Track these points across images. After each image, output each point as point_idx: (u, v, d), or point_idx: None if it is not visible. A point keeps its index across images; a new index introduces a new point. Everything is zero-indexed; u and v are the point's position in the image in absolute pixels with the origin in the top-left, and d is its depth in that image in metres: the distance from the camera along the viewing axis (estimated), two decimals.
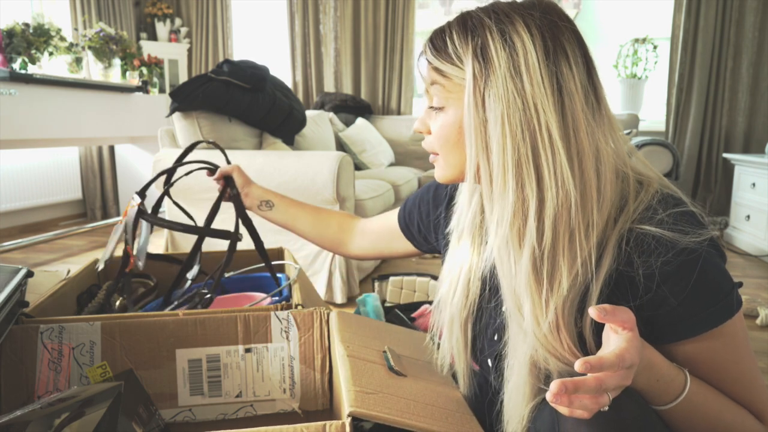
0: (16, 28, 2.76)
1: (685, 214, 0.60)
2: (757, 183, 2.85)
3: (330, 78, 4.16)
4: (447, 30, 0.63)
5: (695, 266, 0.57)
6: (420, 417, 0.68)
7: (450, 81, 0.63)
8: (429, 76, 0.65)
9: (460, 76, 0.62)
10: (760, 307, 1.91)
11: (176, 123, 2.21)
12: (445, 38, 0.63)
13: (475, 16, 0.62)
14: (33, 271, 0.85)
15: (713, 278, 0.58)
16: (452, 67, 0.62)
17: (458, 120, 0.63)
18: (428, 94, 0.67)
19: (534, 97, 0.56)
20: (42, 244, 2.89)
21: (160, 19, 4.22)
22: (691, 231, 0.58)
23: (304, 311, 0.90)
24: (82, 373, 0.80)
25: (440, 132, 0.66)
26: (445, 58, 0.63)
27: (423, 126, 0.70)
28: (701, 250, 0.57)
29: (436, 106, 0.65)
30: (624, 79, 3.81)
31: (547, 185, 0.56)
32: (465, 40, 0.61)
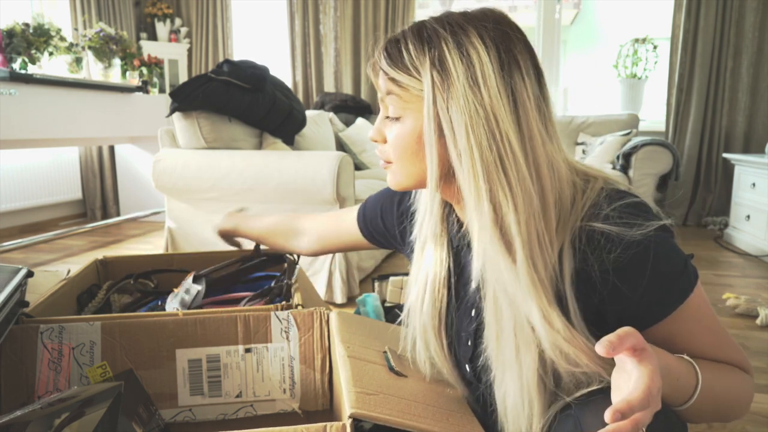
0: (16, 28, 2.76)
1: (629, 206, 0.61)
2: (757, 183, 2.85)
3: (330, 78, 4.16)
4: (402, 40, 0.63)
5: (647, 257, 0.58)
6: (421, 418, 0.68)
7: (406, 91, 0.63)
8: (385, 86, 0.65)
9: (417, 87, 0.62)
10: (760, 307, 1.91)
11: (176, 123, 2.21)
12: (400, 48, 0.63)
13: (429, 27, 0.62)
14: (33, 271, 0.85)
15: (667, 262, 0.60)
16: (409, 78, 0.62)
17: (416, 130, 0.63)
18: (383, 103, 0.67)
19: (493, 108, 0.58)
20: (42, 244, 2.89)
21: (160, 19, 4.22)
22: (636, 223, 0.59)
23: (304, 311, 0.90)
24: (82, 373, 0.80)
25: (397, 142, 0.66)
26: (402, 68, 0.62)
27: (379, 135, 0.69)
28: (650, 240, 0.58)
29: (393, 116, 0.65)
30: (624, 79, 3.81)
31: (516, 192, 0.57)
32: (421, 50, 0.61)
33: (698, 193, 3.69)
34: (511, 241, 0.58)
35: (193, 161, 2.13)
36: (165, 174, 2.16)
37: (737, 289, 2.23)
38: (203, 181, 2.10)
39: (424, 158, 0.63)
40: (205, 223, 2.21)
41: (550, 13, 3.95)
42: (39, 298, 0.93)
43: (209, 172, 2.10)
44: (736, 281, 2.41)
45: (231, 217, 1.23)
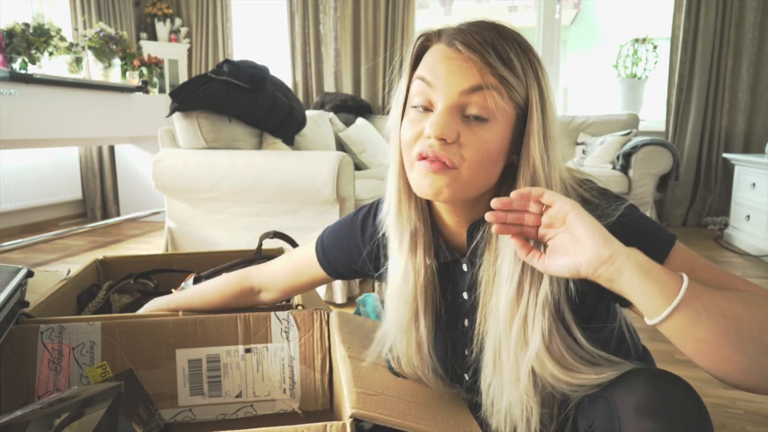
0: (16, 28, 2.76)
1: (600, 191, 0.67)
2: (757, 183, 2.85)
3: (330, 78, 4.16)
4: (507, 37, 0.60)
5: (628, 222, 0.62)
6: (421, 419, 0.68)
7: (507, 93, 0.59)
8: (481, 80, 0.58)
9: (521, 93, 0.60)
10: None
11: (176, 123, 2.21)
12: (506, 47, 0.59)
13: (522, 39, 0.62)
14: (33, 271, 0.85)
15: (643, 223, 0.64)
16: (517, 81, 0.59)
17: (502, 137, 0.60)
18: (462, 97, 0.59)
19: (557, 127, 0.63)
20: (42, 244, 2.89)
21: (160, 19, 4.22)
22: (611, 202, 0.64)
23: (304, 311, 0.90)
24: (82, 373, 0.80)
25: (482, 146, 0.59)
26: (513, 69, 0.59)
27: (454, 133, 0.59)
28: (624, 213, 0.62)
29: (480, 116, 0.59)
30: (624, 79, 3.81)
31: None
32: (525, 59, 0.60)
33: (698, 193, 3.69)
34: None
35: (193, 161, 2.13)
36: (165, 174, 2.16)
37: None
38: (203, 181, 2.10)
39: (495, 168, 0.62)
40: (205, 223, 2.21)
41: (550, 13, 3.95)
42: (39, 298, 0.93)
43: (209, 172, 2.10)
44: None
45: (170, 302, 0.97)
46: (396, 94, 0.67)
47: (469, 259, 0.70)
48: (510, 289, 0.62)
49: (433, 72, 0.61)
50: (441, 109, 0.59)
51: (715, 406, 1.31)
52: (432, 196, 0.61)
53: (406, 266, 0.71)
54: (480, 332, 0.68)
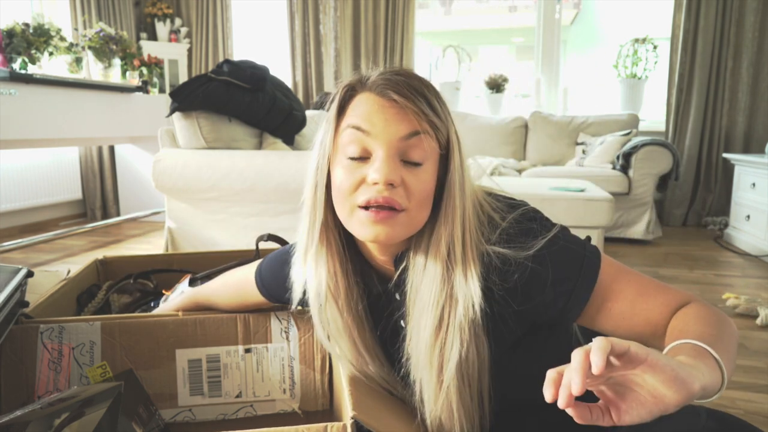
0: (16, 28, 2.76)
1: (519, 222, 0.67)
2: (757, 183, 2.85)
3: (330, 78, 4.16)
4: (427, 86, 0.65)
5: (546, 263, 0.64)
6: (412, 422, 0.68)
7: (434, 139, 0.63)
8: (418, 126, 0.62)
9: (444, 134, 0.65)
10: (760, 307, 1.91)
11: (176, 123, 2.21)
12: (428, 95, 0.64)
13: (434, 87, 0.67)
14: (33, 271, 0.85)
15: (563, 263, 0.65)
16: (441, 123, 0.64)
17: (433, 179, 0.65)
18: (401, 143, 0.62)
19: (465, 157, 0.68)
20: (42, 244, 2.89)
21: (160, 19, 4.22)
22: (526, 244, 0.64)
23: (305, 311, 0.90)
24: (82, 373, 0.79)
25: (422, 187, 0.63)
26: (437, 112, 0.64)
27: (399, 177, 0.62)
28: (542, 254, 0.64)
29: (417, 161, 0.63)
30: (624, 79, 3.81)
31: (471, 230, 0.66)
32: (444, 103, 0.66)
33: (698, 193, 3.69)
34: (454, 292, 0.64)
35: (193, 161, 2.13)
36: (165, 174, 2.16)
37: (737, 289, 2.23)
38: (203, 181, 2.10)
39: (430, 205, 0.65)
40: (205, 223, 2.21)
41: (550, 13, 3.95)
42: (39, 298, 0.93)
43: (209, 172, 2.10)
44: (736, 281, 2.41)
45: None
46: (321, 143, 0.69)
47: (397, 287, 0.71)
48: (431, 316, 0.65)
49: (369, 120, 0.63)
50: (383, 156, 0.62)
51: (715, 405, 1.31)
52: (382, 241, 0.63)
53: (332, 307, 0.71)
54: (407, 352, 0.70)
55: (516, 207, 0.69)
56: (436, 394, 0.67)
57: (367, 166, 0.62)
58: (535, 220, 0.67)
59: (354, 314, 0.71)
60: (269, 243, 1.26)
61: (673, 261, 2.74)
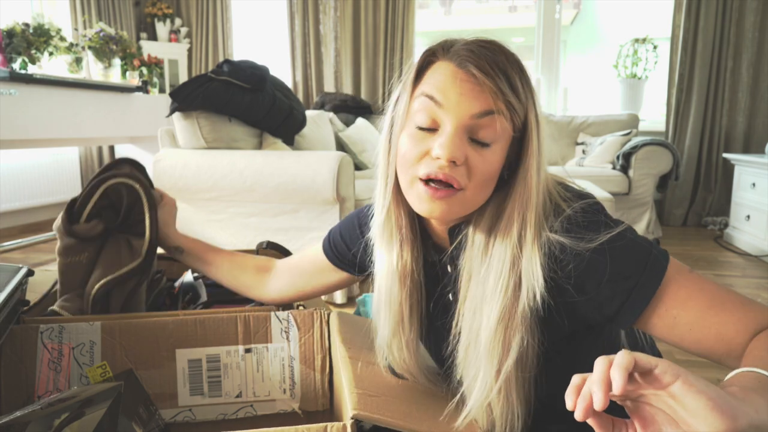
0: (16, 28, 2.76)
1: (584, 215, 0.62)
2: (757, 183, 2.85)
3: (330, 78, 4.16)
4: (513, 63, 0.61)
5: (606, 256, 0.59)
6: (422, 421, 0.68)
7: (510, 116, 0.60)
8: (492, 105, 0.59)
9: (521, 116, 0.61)
10: None
11: (176, 123, 2.21)
12: (512, 73, 0.60)
13: (522, 63, 0.63)
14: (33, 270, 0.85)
15: (624, 259, 0.59)
16: (520, 105, 0.61)
17: (501, 159, 0.62)
18: (472, 122, 0.60)
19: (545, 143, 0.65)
20: (42, 244, 2.89)
21: (160, 19, 4.22)
22: (586, 236, 0.60)
23: (304, 311, 0.90)
24: (82, 372, 0.79)
25: (487, 168, 0.61)
26: (517, 93, 0.61)
27: (463, 156, 0.60)
28: (602, 248, 0.59)
29: (486, 141, 0.61)
30: (624, 79, 3.81)
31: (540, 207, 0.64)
32: (527, 82, 0.62)
33: (698, 193, 3.69)
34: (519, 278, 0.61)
35: (193, 161, 2.13)
36: (165, 174, 2.16)
37: (737, 289, 2.23)
38: (203, 181, 2.10)
39: (493, 184, 0.63)
40: (205, 223, 2.21)
41: (550, 13, 3.95)
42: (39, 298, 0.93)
43: (209, 172, 2.10)
44: (736, 281, 2.41)
45: (168, 213, 1.02)
46: (395, 105, 0.67)
47: (451, 260, 0.71)
48: (497, 304, 0.62)
49: (443, 92, 0.60)
50: (451, 132, 0.60)
51: None
52: (437, 217, 0.63)
53: (392, 272, 0.72)
54: (456, 332, 0.69)
55: (584, 197, 0.65)
56: (492, 382, 0.63)
57: (434, 138, 0.61)
58: (602, 213, 0.63)
59: (411, 280, 0.72)
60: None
61: None
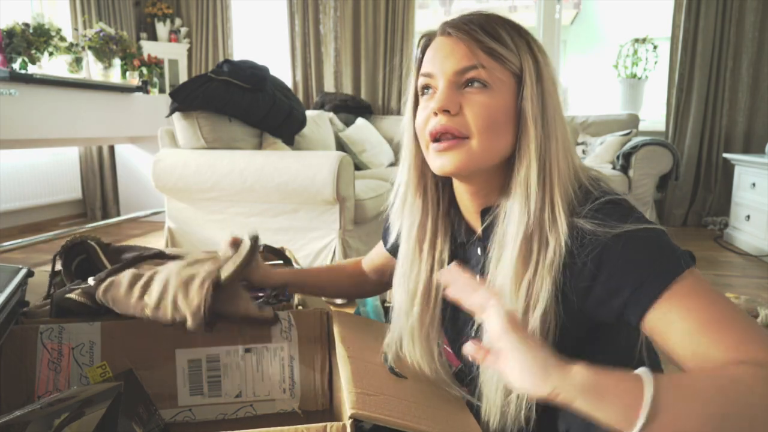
0: (16, 28, 2.76)
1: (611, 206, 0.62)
2: (757, 183, 2.85)
3: (330, 78, 4.16)
4: (496, 20, 0.65)
5: (617, 248, 0.58)
6: (422, 419, 0.68)
7: (500, 65, 0.63)
8: (473, 57, 0.62)
9: (515, 63, 0.64)
10: (760, 307, 1.91)
11: (176, 123, 2.21)
12: (494, 25, 0.64)
13: (515, 22, 0.67)
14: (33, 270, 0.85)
15: (641, 249, 0.58)
16: (509, 52, 0.63)
17: (505, 104, 0.63)
18: (456, 75, 0.63)
19: (559, 104, 0.66)
20: (42, 244, 2.89)
21: (160, 19, 4.22)
22: (611, 223, 0.59)
23: (305, 311, 0.90)
24: (82, 373, 0.80)
25: (486, 112, 0.62)
26: (502, 42, 0.63)
27: (454, 105, 0.63)
28: (620, 236, 0.58)
29: (484, 82, 0.62)
30: (624, 79, 3.81)
31: (564, 183, 0.64)
32: (517, 33, 0.65)
33: (698, 193, 3.69)
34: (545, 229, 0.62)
35: (193, 161, 2.13)
36: (165, 174, 2.16)
37: (737, 289, 2.23)
38: (203, 181, 2.11)
39: (506, 135, 0.64)
40: (205, 223, 2.21)
41: (550, 13, 3.95)
42: (39, 298, 0.93)
43: (209, 172, 2.10)
44: (736, 281, 2.42)
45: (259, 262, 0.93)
46: (407, 93, 0.73)
47: (482, 242, 0.72)
48: (517, 248, 0.63)
49: (432, 61, 0.66)
50: (441, 86, 0.64)
51: None
52: (449, 172, 0.65)
53: (412, 255, 0.74)
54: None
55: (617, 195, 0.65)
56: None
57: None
58: (633, 210, 0.62)
59: (434, 258, 0.73)
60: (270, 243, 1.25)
61: None
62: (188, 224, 2.24)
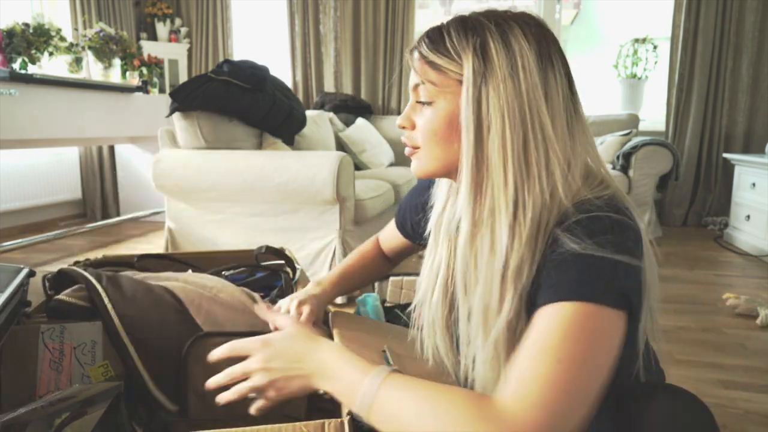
0: (16, 28, 2.76)
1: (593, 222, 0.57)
2: (757, 183, 2.85)
3: (330, 78, 4.16)
4: (445, 27, 0.65)
5: (568, 261, 0.56)
6: None
7: (443, 76, 0.63)
8: (422, 71, 0.65)
9: (456, 71, 0.62)
10: (760, 307, 1.91)
11: (176, 123, 2.21)
12: (442, 34, 0.64)
13: (473, 18, 0.64)
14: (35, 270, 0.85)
15: (585, 268, 0.55)
16: (449, 61, 0.63)
17: (448, 114, 0.64)
18: (415, 91, 0.67)
19: (530, 100, 0.60)
20: (42, 244, 2.89)
21: (160, 19, 4.22)
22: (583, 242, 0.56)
23: None
24: (84, 372, 0.80)
25: (428, 125, 0.66)
26: (443, 52, 0.63)
27: (408, 121, 0.69)
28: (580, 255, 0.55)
29: (425, 101, 0.66)
30: (624, 79, 3.81)
31: (533, 185, 0.60)
32: (464, 37, 0.62)
33: (698, 193, 3.69)
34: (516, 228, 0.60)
35: (193, 161, 2.13)
36: (165, 174, 2.16)
37: (737, 289, 2.23)
38: (203, 181, 2.11)
39: (453, 143, 0.65)
40: (205, 223, 2.21)
41: (550, 13, 3.95)
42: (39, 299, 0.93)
43: (209, 172, 2.10)
44: (736, 281, 2.42)
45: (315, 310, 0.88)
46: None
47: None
48: (465, 253, 0.65)
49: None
50: (408, 103, 0.70)
51: (716, 406, 1.31)
52: (414, 174, 0.71)
53: (433, 243, 0.76)
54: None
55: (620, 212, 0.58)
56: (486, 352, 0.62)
57: None
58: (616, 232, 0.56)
59: (451, 248, 0.74)
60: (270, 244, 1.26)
61: (673, 261, 2.74)
62: (188, 224, 2.24)
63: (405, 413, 0.54)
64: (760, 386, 1.42)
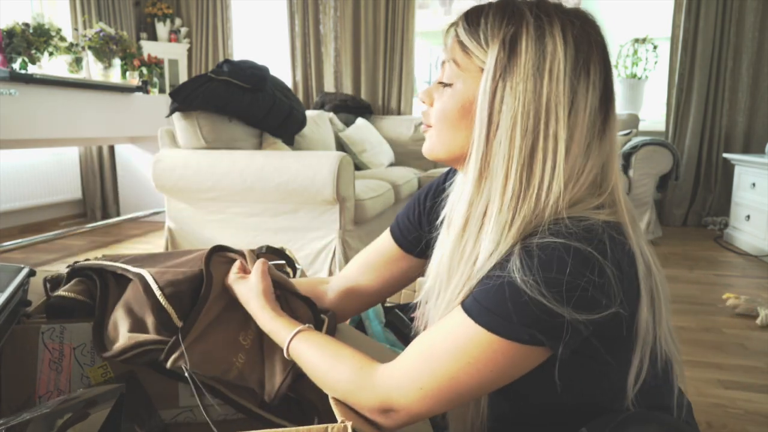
0: (16, 28, 2.76)
1: (554, 251, 0.53)
2: (757, 183, 2.85)
3: (330, 78, 4.16)
4: (486, 9, 0.61)
5: (504, 286, 0.54)
6: None
7: (468, 59, 0.61)
8: (451, 48, 0.63)
9: (481, 57, 0.59)
10: (760, 307, 1.91)
11: (176, 123, 2.21)
12: (480, 17, 0.61)
13: (517, 4, 0.60)
14: (35, 270, 0.85)
15: (511, 296, 0.53)
16: (477, 46, 0.60)
17: (463, 100, 0.61)
18: (442, 68, 0.65)
19: (548, 107, 0.56)
20: (42, 244, 2.89)
21: (160, 19, 4.22)
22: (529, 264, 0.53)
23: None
24: (83, 373, 0.80)
25: (442, 106, 0.64)
26: (474, 36, 0.60)
27: (428, 97, 0.67)
28: (517, 281, 0.53)
29: (446, 81, 0.63)
30: (624, 79, 3.81)
31: (532, 194, 0.56)
32: (499, 24, 0.58)
33: (698, 193, 3.69)
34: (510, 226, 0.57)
35: (193, 161, 2.13)
36: (165, 174, 2.16)
37: (737, 289, 2.23)
38: (203, 181, 2.11)
39: (462, 130, 0.63)
40: (205, 223, 2.21)
41: None
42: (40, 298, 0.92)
43: (209, 172, 2.10)
44: (736, 281, 2.42)
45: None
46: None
47: None
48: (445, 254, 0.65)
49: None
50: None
51: (716, 406, 1.32)
52: (424, 153, 0.69)
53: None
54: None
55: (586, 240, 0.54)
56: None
57: None
58: (571, 266, 0.52)
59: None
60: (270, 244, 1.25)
61: (673, 261, 2.74)
62: (188, 224, 2.24)
63: (309, 366, 0.68)
64: (760, 386, 1.42)
